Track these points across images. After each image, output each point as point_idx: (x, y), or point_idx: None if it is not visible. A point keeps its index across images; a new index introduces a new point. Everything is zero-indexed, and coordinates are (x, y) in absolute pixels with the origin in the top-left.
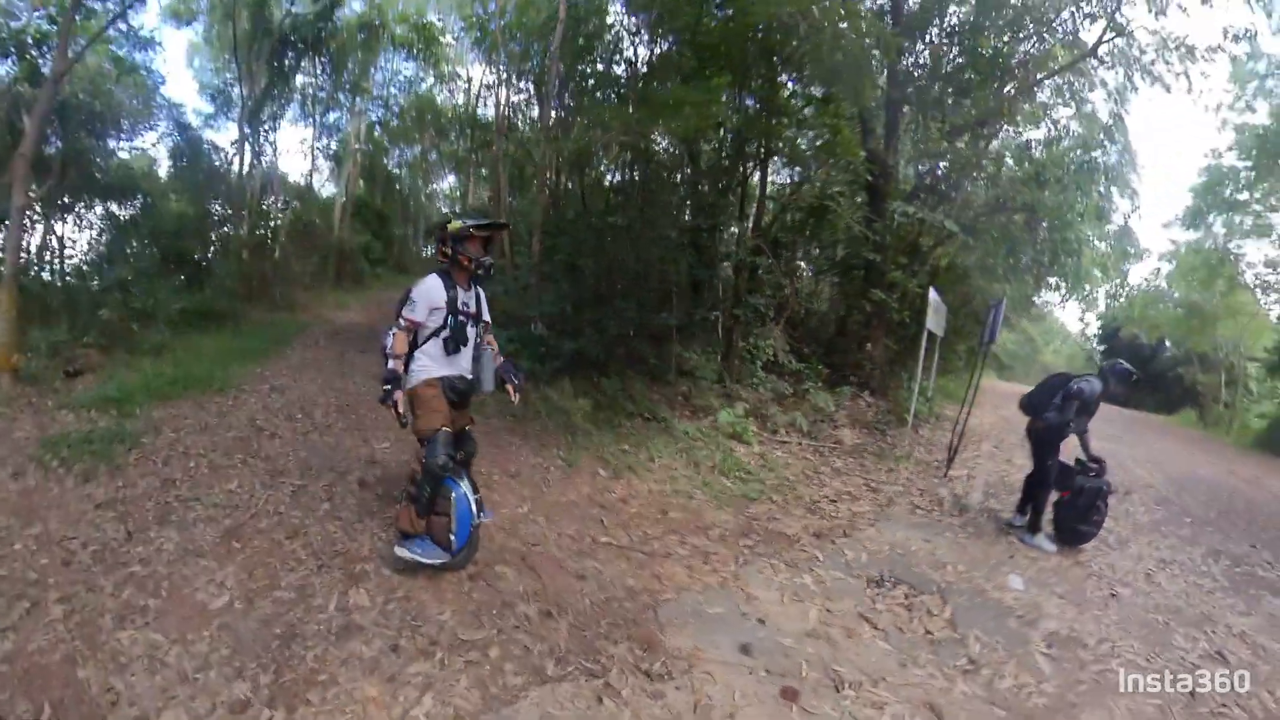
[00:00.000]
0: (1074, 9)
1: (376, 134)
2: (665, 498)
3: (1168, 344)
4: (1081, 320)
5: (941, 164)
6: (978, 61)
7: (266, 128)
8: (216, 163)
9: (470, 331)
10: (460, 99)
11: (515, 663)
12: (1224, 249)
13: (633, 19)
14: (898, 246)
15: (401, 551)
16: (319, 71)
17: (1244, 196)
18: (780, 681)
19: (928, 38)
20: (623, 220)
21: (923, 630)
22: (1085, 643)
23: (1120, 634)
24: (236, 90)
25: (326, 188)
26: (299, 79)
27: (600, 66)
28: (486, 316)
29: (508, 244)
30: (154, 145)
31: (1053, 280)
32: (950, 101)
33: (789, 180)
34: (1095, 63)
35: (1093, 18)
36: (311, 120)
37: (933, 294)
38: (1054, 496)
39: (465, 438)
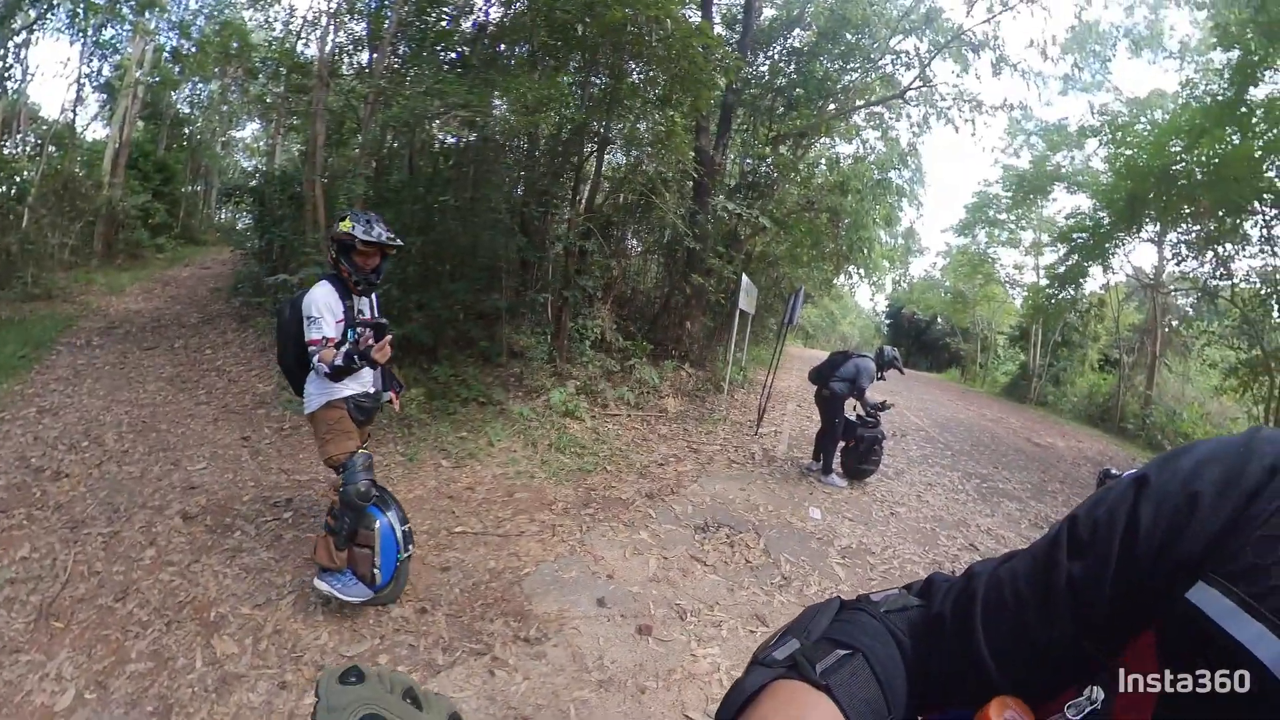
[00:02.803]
0: (894, 57)
1: (166, 61)
2: (509, 480)
3: (939, 319)
4: (872, 299)
5: (764, 164)
6: (808, 82)
7: (18, 41)
8: None
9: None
10: (277, 31)
11: (406, 664)
12: (984, 253)
13: None
14: (717, 236)
15: (321, 585)
16: None
17: (1003, 217)
18: (635, 622)
19: (769, 53)
20: (454, 200)
21: (744, 561)
22: (872, 551)
23: (899, 541)
24: None
25: (95, 129)
26: None
27: (445, 24)
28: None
29: (321, 216)
30: None
31: (850, 268)
32: (779, 112)
33: (624, 161)
34: (903, 101)
35: (909, 66)
36: (81, 36)
37: (744, 279)
38: (841, 445)
39: None
